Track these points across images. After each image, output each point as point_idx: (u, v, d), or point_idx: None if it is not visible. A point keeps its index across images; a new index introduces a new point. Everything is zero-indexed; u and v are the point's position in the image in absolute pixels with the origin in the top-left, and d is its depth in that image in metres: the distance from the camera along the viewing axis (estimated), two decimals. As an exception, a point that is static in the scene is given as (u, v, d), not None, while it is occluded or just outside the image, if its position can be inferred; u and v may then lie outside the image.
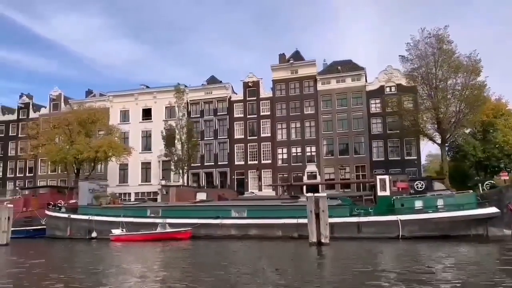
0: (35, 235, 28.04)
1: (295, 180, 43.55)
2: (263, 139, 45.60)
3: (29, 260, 15.64)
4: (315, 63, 45.40)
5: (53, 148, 37.91)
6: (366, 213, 21.17)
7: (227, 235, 22.77)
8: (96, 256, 17.53)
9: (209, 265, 13.08)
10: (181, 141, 40.81)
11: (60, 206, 28.42)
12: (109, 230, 23.99)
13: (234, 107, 47.20)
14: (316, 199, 17.05)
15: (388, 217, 20.60)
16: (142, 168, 49.05)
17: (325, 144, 43.85)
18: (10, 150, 54.84)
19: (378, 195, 21.57)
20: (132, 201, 39.89)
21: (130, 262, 14.65)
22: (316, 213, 16.65)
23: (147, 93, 50.55)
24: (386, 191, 21.58)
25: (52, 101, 54.16)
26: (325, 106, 44.13)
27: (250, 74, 47.00)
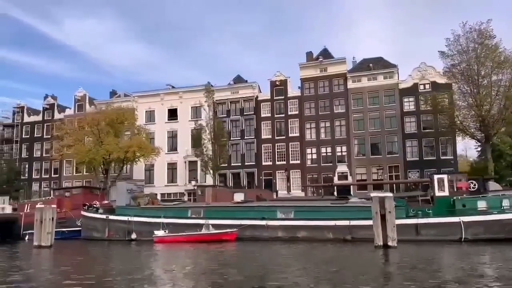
0: (70, 237, 27.54)
1: (325, 181, 42.54)
2: (291, 139, 44.64)
3: (83, 263, 14.99)
4: (345, 60, 44.34)
5: (82, 149, 37.49)
6: (424, 214, 20.10)
7: (274, 237, 21.90)
8: (148, 258, 16.79)
9: (279, 268, 12.24)
10: (211, 141, 40.02)
11: (96, 207, 27.87)
12: (149, 231, 23.30)
13: (261, 107, 46.35)
14: (381, 199, 16.07)
15: (449, 219, 19.50)
16: (168, 169, 48.50)
17: (357, 144, 42.72)
18: (35, 151, 54.88)
19: (435, 195, 20.50)
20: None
21: (193, 265, 13.81)
22: (381, 215, 15.67)
23: (173, 93, 50.01)
24: (444, 191, 20.47)
25: (76, 102, 54.03)
26: (356, 105, 43.00)
27: (277, 73, 46.12)
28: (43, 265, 15.52)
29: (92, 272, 12.37)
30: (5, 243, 26.12)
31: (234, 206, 24.70)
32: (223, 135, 39.95)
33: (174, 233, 22.54)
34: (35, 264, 15.82)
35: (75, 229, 27.50)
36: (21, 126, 55.88)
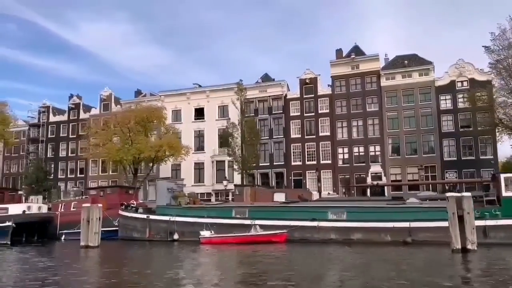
0: (106, 237, 26.84)
1: (358, 181, 41.37)
2: (321, 138, 43.54)
3: (146, 265, 14.16)
4: (378, 57, 43.11)
5: (113, 147, 36.98)
6: (491, 215, 18.89)
7: (326, 239, 20.89)
8: (206, 260, 16.04)
9: (355, 273, 11.27)
10: (244, 140, 39.15)
11: (136, 207, 27.20)
12: (192, 231, 22.51)
13: (290, 105, 45.36)
14: (459, 199, 14.95)
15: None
16: (195, 169, 47.81)
17: (391, 143, 41.42)
18: (61, 151, 54.78)
19: (503, 195, 19.27)
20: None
21: (254, 268, 12.92)
22: (459, 216, 14.54)
23: (200, 92, 49.35)
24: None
25: (102, 101, 53.75)
26: (390, 103, 41.71)
27: (307, 71, 45.10)
28: (104, 266, 14.68)
29: (162, 274, 11.55)
30: (43, 243, 25.63)
31: (281, 206, 23.75)
32: (255, 133, 38.99)
33: (220, 234, 21.67)
34: (93, 266, 14.97)
35: (111, 229, 26.86)
36: (46, 125, 55.88)
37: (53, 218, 27.99)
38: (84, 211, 20.73)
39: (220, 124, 48.00)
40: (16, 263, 16.50)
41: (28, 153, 55.99)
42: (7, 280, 11.35)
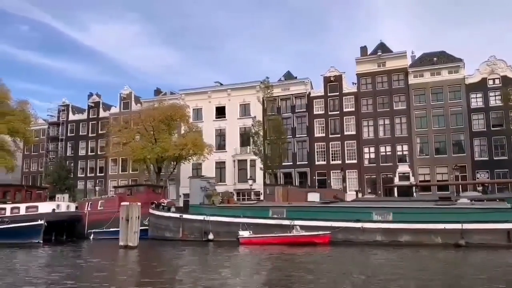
0: (136, 236, 26.33)
1: (385, 182, 40.38)
2: (347, 137, 42.60)
3: (198, 267, 13.48)
4: (406, 54, 42.03)
5: (137, 146, 36.46)
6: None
7: (371, 241, 20.04)
8: (255, 261, 15.30)
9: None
10: (270, 139, 38.40)
11: (168, 206, 26.59)
12: (227, 231, 21.84)
13: (314, 103, 44.49)
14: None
15: None
16: (216, 168, 47.11)
17: (419, 143, 40.33)
18: (80, 149, 54.58)
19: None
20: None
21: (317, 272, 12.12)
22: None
23: (221, 91, 48.72)
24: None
25: (122, 99, 53.42)
26: (418, 101, 40.64)
27: (331, 68, 44.22)
28: (156, 267, 14.01)
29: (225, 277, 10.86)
30: (72, 242, 25.12)
31: (322, 206, 22.91)
32: (281, 132, 38.20)
33: (259, 234, 20.93)
34: (147, 268, 14.26)
35: (141, 228, 26.26)
36: (66, 124, 55.74)
37: (81, 217, 27.55)
38: (122, 210, 20.12)
39: (241, 123, 47.34)
40: (65, 263, 15.85)
41: (48, 151, 55.93)
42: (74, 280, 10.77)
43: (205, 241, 22.75)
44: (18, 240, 22.35)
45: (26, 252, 19.64)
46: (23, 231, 22.51)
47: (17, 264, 15.41)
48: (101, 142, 53.49)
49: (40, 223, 22.81)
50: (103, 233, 26.52)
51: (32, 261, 16.74)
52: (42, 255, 18.91)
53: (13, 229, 22.65)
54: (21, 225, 22.67)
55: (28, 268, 14.07)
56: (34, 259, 17.40)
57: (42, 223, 22.91)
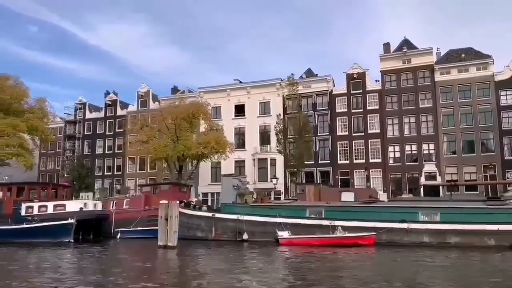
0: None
1: (410, 181, 39.45)
2: (370, 135, 41.69)
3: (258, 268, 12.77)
4: (432, 51, 41.02)
5: (160, 144, 35.86)
6: None
7: (417, 242, 19.19)
8: (305, 262, 14.53)
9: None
10: (295, 137, 37.64)
11: (196, 205, 25.94)
12: (262, 232, 21.13)
13: (336, 101, 43.62)
14: None
15: None
16: (236, 167, 46.38)
17: (446, 141, 39.29)
18: (97, 148, 54.19)
19: None
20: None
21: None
22: None
23: (240, 89, 48.05)
24: None
25: (140, 97, 52.94)
26: (445, 99, 39.62)
27: (354, 65, 43.33)
28: (218, 270, 13.35)
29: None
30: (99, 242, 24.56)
31: (363, 206, 22.08)
32: (308, 130, 37.43)
33: (298, 235, 20.15)
34: (209, 270, 13.56)
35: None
36: (83, 122, 55.40)
37: (109, 216, 26.99)
38: (162, 208, 19.47)
39: (261, 121, 46.70)
40: (112, 264, 15.21)
41: (64, 150, 55.65)
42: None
43: (239, 241, 22.03)
44: (48, 239, 21.84)
45: (61, 252, 19.10)
46: (54, 230, 21.99)
47: (65, 263, 14.86)
48: (119, 141, 53.14)
49: (71, 222, 22.27)
50: (130, 232, 25.94)
51: (74, 260, 16.16)
52: (79, 254, 18.27)
53: (43, 228, 22.14)
54: (52, 223, 22.15)
55: (77, 269, 13.51)
56: (74, 259, 16.79)
57: (72, 222, 22.37)
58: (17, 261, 15.79)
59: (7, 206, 26.09)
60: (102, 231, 26.72)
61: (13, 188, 26.72)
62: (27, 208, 25.45)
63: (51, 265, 14.49)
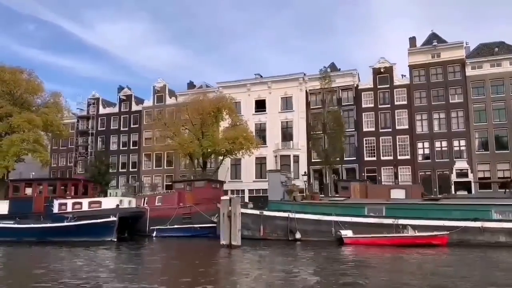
0: (202, 234, 24.51)
1: (440, 178, 38.38)
2: (398, 131, 40.58)
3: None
4: (462, 45, 39.92)
5: (186, 140, 34.54)
6: None
7: (492, 242, 18.08)
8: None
9: None
10: (327, 132, 36.47)
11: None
12: (316, 230, 19.97)
13: (362, 96, 42.48)
14: None
15: None
16: (257, 164, 45.27)
17: (478, 138, 38.25)
18: (112, 143, 52.78)
19: None
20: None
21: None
22: None
23: (261, 83, 46.80)
24: None
25: (156, 92, 51.58)
26: (476, 94, 38.57)
27: (381, 60, 42.19)
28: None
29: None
30: (135, 240, 23.27)
31: (429, 204, 20.93)
32: (341, 125, 36.26)
33: (363, 234, 18.98)
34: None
35: (208, 226, 24.46)
36: (96, 118, 53.99)
37: (144, 213, 25.69)
38: (223, 205, 18.24)
39: (283, 117, 45.56)
40: (185, 264, 13.96)
41: (77, 146, 54.21)
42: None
43: (292, 240, 20.81)
44: (89, 237, 20.54)
45: (109, 251, 17.85)
46: (96, 228, 20.65)
47: (130, 264, 13.64)
48: (134, 137, 51.86)
49: (114, 219, 20.94)
50: (167, 230, 24.70)
51: (137, 261, 14.84)
52: (135, 255, 16.87)
53: (85, 226, 20.79)
54: (94, 221, 20.81)
55: (148, 271, 12.29)
56: (137, 259, 15.40)
57: (115, 220, 21.06)
58: (76, 260, 14.49)
59: (37, 203, 24.69)
60: (135, 229, 25.43)
61: (44, 184, 25.32)
62: (60, 205, 24.09)
63: (121, 265, 13.18)
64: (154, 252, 18.20)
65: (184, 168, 48.56)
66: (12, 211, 24.33)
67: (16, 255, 17.30)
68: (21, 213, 23.59)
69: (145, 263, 14.77)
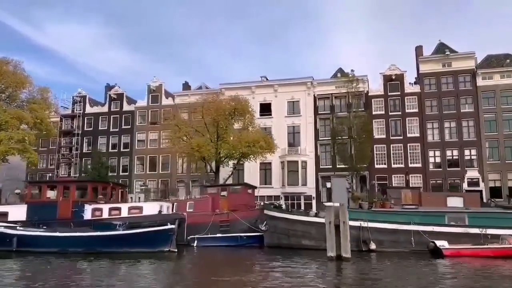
0: (247, 244, 22.36)
1: (452, 187, 38.36)
2: (409, 139, 40.30)
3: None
4: (474, 55, 40.37)
5: (203, 142, 32.14)
6: None
7: None
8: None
9: None
10: (353, 137, 35.34)
11: (281, 206, 22.70)
12: (392, 241, 18.48)
13: (373, 103, 41.94)
14: None
15: None
16: (261, 169, 43.50)
17: (488, 147, 38.64)
18: (100, 145, 48.96)
19: None
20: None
21: None
22: None
23: (266, 86, 45.25)
24: None
25: (150, 92, 48.51)
26: (487, 104, 39.06)
27: (392, 66, 41.94)
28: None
29: None
30: (179, 251, 20.62)
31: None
32: (368, 130, 35.26)
33: (464, 245, 17.57)
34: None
35: (254, 235, 22.33)
36: (82, 117, 49.96)
37: (185, 220, 23.11)
38: (329, 213, 16.26)
39: (290, 121, 44.17)
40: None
41: (60, 147, 49.85)
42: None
43: (365, 251, 19.21)
44: (145, 248, 17.73)
45: (179, 265, 15.18)
46: (152, 238, 17.91)
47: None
48: (125, 138, 48.39)
49: (172, 227, 18.30)
50: (208, 239, 22.32)
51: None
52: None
53: (142, 235, 17.96)
54: (151, 230, 18.05)
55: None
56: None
57: (174, 228, 18.42)
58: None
59: (63, 208, 21.33)
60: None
61: (72, 187, 21.98)
62: (93, 210, 21.02)
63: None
64: (242, 268, 15.22)
65: (181, 173, 45.92)
66: (32, 217, 20.96)
67: (81, 271, 14.09)
68: (43, 220, 20.33)
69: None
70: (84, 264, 15.37)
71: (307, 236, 20.36)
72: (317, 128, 43.01)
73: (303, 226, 20.72)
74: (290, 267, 14.92)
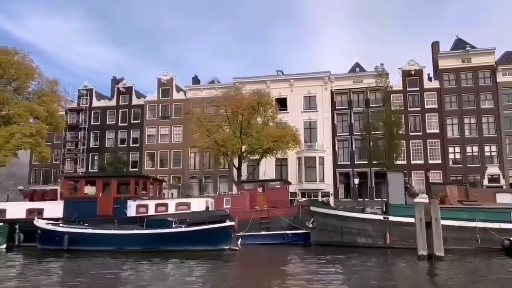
0: (292, 241, 21.53)
1: (471, 183, 38.13)
2: (429, 135, 39.99)
3: None
4: (494, 51, 40.17)
5: (229, 136, 31.13)
6: None
7: None
8: None
9: None
10: (385, 132, 34.72)
11: (328, 204, 21.91)
12: (456, 238, 17.81)
13: (392, 98, 41.44)
14: None
15: None
16: (276, 165, 42.75)
17: (509, 143, 38.58)
18: (107, 140, 47.40)
19: None
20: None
21: None
22: None
23: (282, 81, 44.39)
24: None
25: (160, 86, 47.11)
26: (507, 100, 38.98)
27: (411, 62, 41.48)
28: None
29: None
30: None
31: None
32: (399, 125, 34.71)
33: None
34: None
35: (298, 232, 21.52)
36: (89, 111, 48.29)
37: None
38: (419, 209, 15.47)
39: (306, 117, 43.41)
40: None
41: (65, 141, 48.11)
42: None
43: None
44: (205, 246, 16.64)
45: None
46: (213, 235, 16.86)
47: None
48: (134, 133, 46.97)
49: (232, 224, 17.26)
50: (253, 237, 21.40)
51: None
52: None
53: (202, 232, 16.87)
54: (211, 227, 16.97)
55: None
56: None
57: (233, 225, 17.38)
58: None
59: (103, 204, 20.02)
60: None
61: (113, 183, 20.71)
62: (138, 207, 19.83)
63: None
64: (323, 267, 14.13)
65: (194, 169, 44.79)
66: (70, 214, 19.68)
67: (158, 273, 12.92)
68: (82, 216, 19.09)
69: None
70: (160, 265, 14.14)
71: (363, 234, 19.64)
72: (334, 123, 42.36)
73: (359, 223, 19.98)
74: (377, 267, 14.17)
